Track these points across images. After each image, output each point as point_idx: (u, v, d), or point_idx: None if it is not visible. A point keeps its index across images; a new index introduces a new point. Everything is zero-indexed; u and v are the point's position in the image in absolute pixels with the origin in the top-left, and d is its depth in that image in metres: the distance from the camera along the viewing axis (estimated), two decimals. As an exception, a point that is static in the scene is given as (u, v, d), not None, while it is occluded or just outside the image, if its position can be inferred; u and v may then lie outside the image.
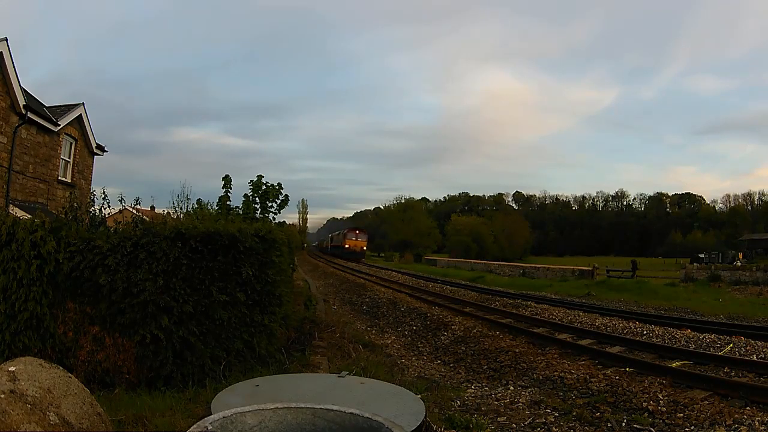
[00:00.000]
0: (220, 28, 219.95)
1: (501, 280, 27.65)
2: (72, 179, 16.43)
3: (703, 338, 7.98)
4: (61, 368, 2.94)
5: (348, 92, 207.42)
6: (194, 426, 1.36)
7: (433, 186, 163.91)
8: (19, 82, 12.90)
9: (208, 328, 5.39)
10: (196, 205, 9.52)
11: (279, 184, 9.15)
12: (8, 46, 12.46)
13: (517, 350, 8.27)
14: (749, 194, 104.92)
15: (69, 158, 16.43)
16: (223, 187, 8.92)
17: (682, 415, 4.97)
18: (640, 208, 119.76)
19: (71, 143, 16.46)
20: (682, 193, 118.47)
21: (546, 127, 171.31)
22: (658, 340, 8.19)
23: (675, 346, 7.73)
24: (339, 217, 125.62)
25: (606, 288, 21.17)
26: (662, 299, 17.83)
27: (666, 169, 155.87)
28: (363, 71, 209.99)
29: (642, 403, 5.38)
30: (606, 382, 6.20)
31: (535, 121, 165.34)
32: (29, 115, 13.40)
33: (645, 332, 8.72)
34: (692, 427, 4.69)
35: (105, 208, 7.60)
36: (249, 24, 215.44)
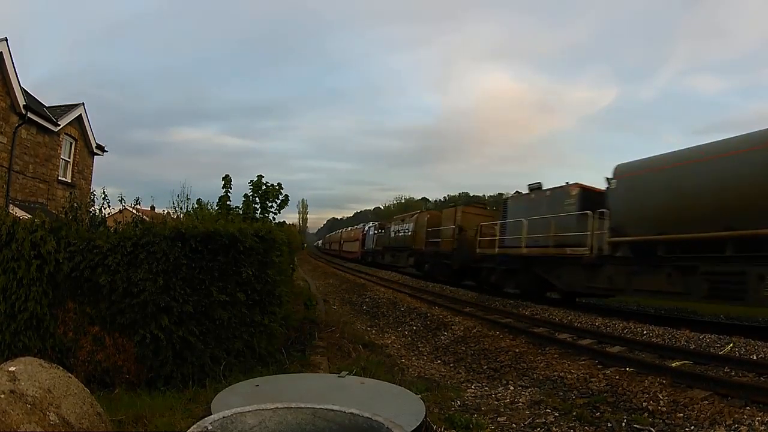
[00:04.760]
0: (220, 28, 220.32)
1: (501, 280, 27.52)
2: (72, 179, 16.44)
3: (703, 338, 7.97)
4: (61, 368, 2.93)
5: (348, 92, 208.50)
6: (194, 426, 1.36)
7: (433, 186, 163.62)
8: (19, 82, 12.93)
9: (208, 328, 5.39)
10: (196, 205, 9.52)
11: (279, 184, 9.14)
12: (8, 46, 12.48)
13: (517, 350, 8.28)
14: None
15: (69, 158, 16.45)
16: (223, 187, 8.91)
17: (682, 414, 4.97)
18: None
19: (71, 143, 16.48)
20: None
21: (545, 127, 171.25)
22: (658, 339, 8.18)
23: (675, 345, 7.73)
24: (339, 217, 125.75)
25: (606, 288, 21.09)
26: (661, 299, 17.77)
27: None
28: (363, 71, 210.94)
29: (642, 402, 5.38)
30: (606, 381, 6.20)
31: (535, 120, 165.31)
32: (29, 115, 13.42)
33: (645, 332, 8.71)
34: (692, 427, 4.69)
35: (105, 208, 7.61)
36: (249, 24, 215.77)
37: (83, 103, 16.58)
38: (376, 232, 33.99)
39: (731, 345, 7.46)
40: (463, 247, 18.42)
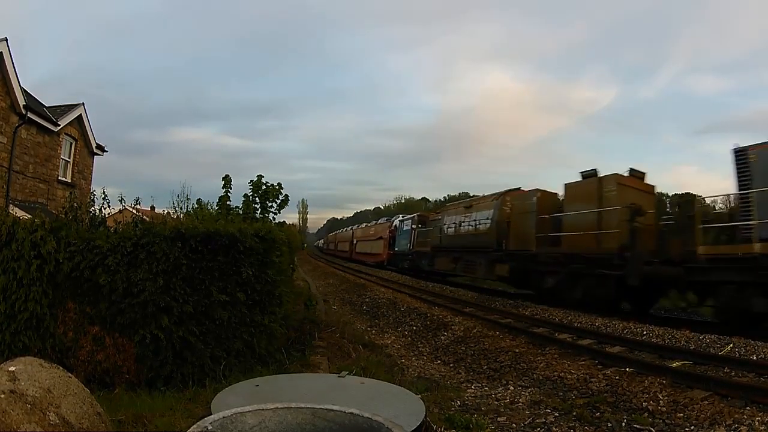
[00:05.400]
0: (220, 28, 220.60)
1: (501, 280, 27.47)
2: (72, 179, 16.44)
3: (703, 338, 7.97)
4: (61, 368, 2.93)
5: (348, 92, 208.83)
6: (194, 426, 1.36)
7: (433, 186, 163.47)
8: (19, 82, 12.92)
9: (208, 328, 5.39)
10: (196, 205, 9.52)
11: (279, 184, 9.14)
12: (8, 46, 12.48)
13: (517, 350, 8.28)
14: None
15: (69, 158, 16.45)
16: (223, 187, 8.91)
17: (682, 415, 4.97)
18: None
19: (71, 143, 16.48)
20: (682, 193, 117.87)
21: (545, 127, 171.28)
22: (658, 339, 8.18)
23: (675, 345, 7.73)
24: (339, 217, 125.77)
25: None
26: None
27: (666, 169, 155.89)
28: (363, 71, 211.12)
29: (642, 403, 5.39)
30: (606, 382, 6.20)
31: (535, 120, 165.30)
32: (29, 115, 13.42)
33: (645, 332, 8.71)
34: (692, 427, 4.69)
35: (105, 208, 7.59)
36: (249, 24, 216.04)
37: (83, 103, 16.58)
38: (415, 227, 25.45)
39: (731, 345, 7.46)
40: (640, 246, 10.55)
